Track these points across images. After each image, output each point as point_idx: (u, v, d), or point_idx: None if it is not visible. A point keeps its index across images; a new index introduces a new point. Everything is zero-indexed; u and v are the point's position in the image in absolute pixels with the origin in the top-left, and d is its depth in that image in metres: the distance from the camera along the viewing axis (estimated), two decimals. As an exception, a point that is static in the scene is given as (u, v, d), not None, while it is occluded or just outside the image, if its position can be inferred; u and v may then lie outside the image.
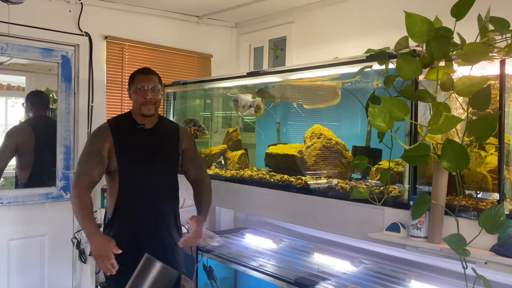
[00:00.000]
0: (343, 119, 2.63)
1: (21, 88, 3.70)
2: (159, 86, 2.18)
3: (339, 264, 2.51)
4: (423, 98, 1.65)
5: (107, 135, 2.11)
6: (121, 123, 2.20)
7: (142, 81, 2.12)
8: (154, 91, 2.13)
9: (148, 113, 2.12)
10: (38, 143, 3.23)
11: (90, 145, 2.14)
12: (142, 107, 2.11)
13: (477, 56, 1.48)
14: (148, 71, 2.19)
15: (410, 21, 1.60)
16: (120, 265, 1.93)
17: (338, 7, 3.21)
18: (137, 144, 2.15)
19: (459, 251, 1.40)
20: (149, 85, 2.11)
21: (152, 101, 2.11)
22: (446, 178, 1.61)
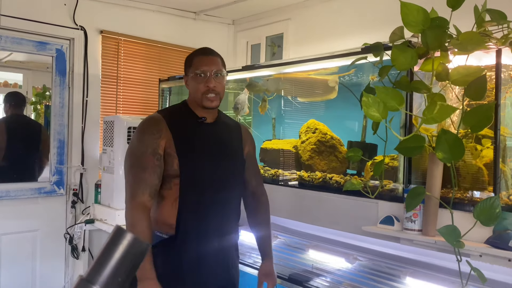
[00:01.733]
0: (339, 114, 2.60)
1: (18, 85, 3.67)
2: (224, 70, 1.71)
3: (334, 260, 2.48)
4: (418, 89, 1.63)
5: (163, 129, 1.62)
6: (177, 114, 1.72)
7: (204, 64, 1.65)
8: (218, 76, 1.67)
9: (211, 105, 1.66)
10: (10, 139, 3.26)
11: (141, 142, 1.61)
12: (204, 97, 1.65)
13: (472, 45, 1.45)
14: (211, 52, 1.72)
15: (406, 11, 1.58)
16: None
17: (335, 3, 3.19)
18: (200, 141, 1.68)
19: (453, 243, 1.38)
20: (212, 69, 1.65)
21: (216, 89, 1.66)
22: (441, 170, 1.58)
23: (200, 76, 1.65)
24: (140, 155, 1.59)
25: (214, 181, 1.66)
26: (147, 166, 1.57)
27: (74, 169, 3.17)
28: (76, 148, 3.18)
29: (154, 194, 1.59)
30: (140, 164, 1.58)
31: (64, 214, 3.16)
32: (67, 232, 3.09)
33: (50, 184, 3.11)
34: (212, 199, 1.65)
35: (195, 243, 1.62)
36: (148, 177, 1.57)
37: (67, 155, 3.16)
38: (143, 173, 1.57)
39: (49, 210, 3.12)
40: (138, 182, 1.57)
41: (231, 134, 1.79)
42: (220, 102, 1.71)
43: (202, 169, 1.64)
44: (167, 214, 1.62)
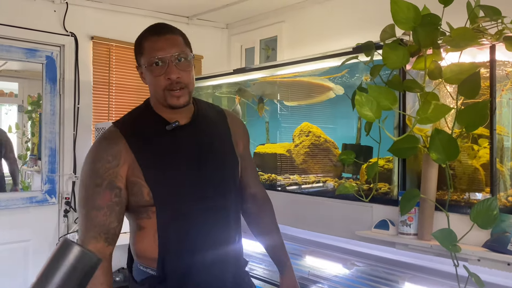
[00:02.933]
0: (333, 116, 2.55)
1: (13, 94, 3.66)
2: (189, 52, 1.29)
3: (331, 266, 2.42)
4: (411, 88, 1.57)
5: (122, 150, 1.26)
6: (140, 124, 1.33)
7: (157, 49, 1.24)
8: (181, 62, 1.25)
9: (178, 104, 1.26)
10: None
11: (94, 174, 1.25)
12: (168, 94, 1.26)
13: (465, 41, 1.40)
14: (166, 29, 1.29)
15: (396, 8, 1.53)
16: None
17: (329, 5, 3.15)
18: (176, 154, 1.30)
19: (449, 247, 1.32)
20: (171, 52, 1.24)
21: (181, 81, 1.25)
22: (435, 172, 1.53)
23: (157, 65, 1.24)
24: (93, 190, 1.23)
25: (200, 203, 1.29)
26: (101, 205, 1.23)
27: (66, 177, 3.12)
28: (68, 156, 3.13)
29: (112, 239, 1.25)
30: (93, 203, 1.23)
31: (56, 223, 3.11)
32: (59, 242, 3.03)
33: (42, 193, 3.06)
34: (201, 225, 1.29)
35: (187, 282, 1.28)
36: (103, 219, 1.22)
37: (58, 163, 3.11)
38: (97, 214, 1.22)
39: (41, 220, 3.06)
40: (91, 226, 1.22)
41: (214, 131, 1.39)
42: (190, 96, 1.29)
43: (181, 191, 1.28)
44: (148, 245, 1.29)
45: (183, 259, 1.28)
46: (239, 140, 1.45)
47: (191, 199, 1.28)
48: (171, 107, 1.28)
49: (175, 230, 1.27)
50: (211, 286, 1.31)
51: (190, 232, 1.28)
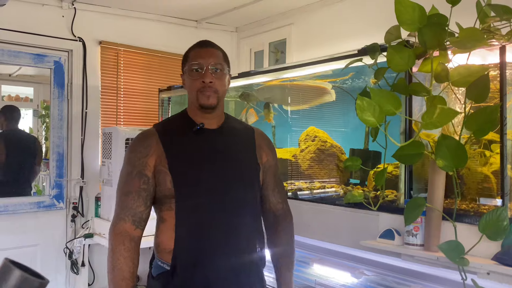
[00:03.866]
0: (340, 120, 2.49)
1: (29, 99, 3.69)
2: (226, 66, 1.47)
3: (339, 275, 2.35)
4: (417, 92, 1.51)
5: (153, 144, 1.42)
6: (173, 125, 1.51)
7: (198, 57, 1.43)
8: (217, 72, 1.43)
9: (206, 103, 1.41)
10: (8, 154, 3.24)
11: (128, 163, 1.43)
12: (200, 94, 1.41)
13: (472, 42, 1.33)
14: (209, 44, 1.50)
15: (400, 8, 1.47)
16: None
17: (337, 7, 3.09)
18: (200, 153, 1.43)
19: (456, 260, 1.24)
20: (209, 63, 1.42)
21: (213, 85, 1.41)
22: (443, 179, 1.45)
23: (196, 71, 1.42)
24: (125, 177, 1.42)
25: (215, 199, 1.39)
26: (131, 190, 1.39)
27: (73, 182, 3.12)
28: (75, 161, 3.13)
29: (139, 222, 1.39)
30: (125, 188, 1.41)
31: (64, 228, 3.11)
32: (67, 247, 3.03)
33: (50, 197, 3.06)
34: (216, 220, 1.38)
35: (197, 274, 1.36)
36: (131, 202, 1.38)
37: (66, 168, 3.11)
38: (125, 198, 1.39)
39: (49, 225, 3.07)
40: (121, 208, 1.39)
41: (239, 141, 1.51)
42: (219, 101, 1.44)
43: (201, 185, 1.38)
44: (167, 238, 1.39)
45: (194, 252, 1.36)
46: (262, 153, 1.54)
47: (207, 195, 1.39)
48: (201, 107, 1.43)
49: (191, 223, 1.38)
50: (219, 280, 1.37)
51: (203, 226, 1.38)
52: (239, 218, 1.41)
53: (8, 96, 3.54)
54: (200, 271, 1.36)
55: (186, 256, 1.36)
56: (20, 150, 3.32)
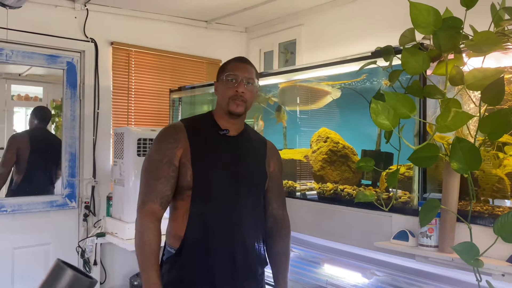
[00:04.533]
0: (352, 121, 2.50)
1: (38, 98, 3.72)
2: (257, 81, 1.67)
3: (349, 276, 2.36)
4: (431, 94, 1.52)
5: (181, 137, 1.58)
6: (199, 124, 1.66)
7: (236, 69, 1.61)
8: (249, 85, 1.61)
9: (236, 110, 1.59)
10: (32, 151, 3.26)
11: (158, 151, 1.58)
12: (231, 102, 1.58)
13: (488, 45, 1.34)
14: (246, 61, 1.68)
15: (415, 11, 1.48)
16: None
17: (348, 8, 3.10)
18: (219, 153, 1.60)
19: (471, 262, 1.26)
20: (244, 76, 1.60)
21: (244, 95, 1.59)
22: (457, 181, 1.46)
23: (231, 81, 1.60)
24: (155, 163, 1.57)
25: (226, 196, 1.57)
26: (160, 176, 1.55)
27: (86, 182, 3.15)
28: (87, 161, 3.16)
29: (165, 205, 1.56)
30: (154, 173, 1.56)
31: (76, 227, 3.14)
32: (79, 246, 3.06)
33: (62, 197, 3.10)
34: (223, 214, 1.56)
35: (201, 259, 1.54)
36: (160, 186, 1.54)
37: (78, 167, 3.14)
38: (156, 182, 1.54)
39: (61, 223, 3.10)
40: (150, 191, 1.55)
41: (254, 150, 1.70)
42: (246, 111, 1.63)
43: (215, 182, 1.56)
44: (177, 225, 1.57)
45: (202, 240, 1.54)
46: (271, 163, 1.74)
47: (220, 191, 1.57)
48: (230, 113, 1.61)
49: (202, 214, 1.55)
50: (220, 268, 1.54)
51: (214, 219, 1.55)
52: (244, 217, 1.60)
53: (18, 95, 3.57)
54: (204, 257, 1.53)
55: (193, 243, 1.54)
56: (44, 150, 3.34)
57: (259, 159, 1.70)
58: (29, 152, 3.24)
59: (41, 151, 3.34)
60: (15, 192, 3.13)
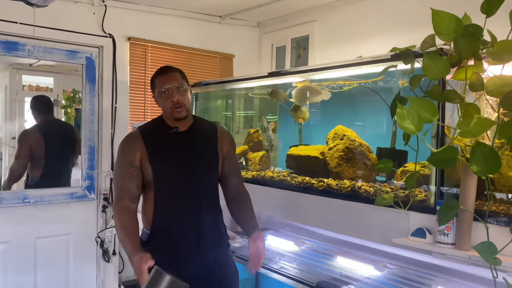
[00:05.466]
0: (367, 119, 2.57)
1: (49, 89, 3.76)
2: (185, 83, 1.90)
3: (362, 268, 2.45)
4: (450, 99, 1.58)
5: (138, 142, 1.88)
6: (152, 128, 1.96)
7: (163, 83, 1.86)
8: (180, 90, 1.85)
9: (180, 116, 1.86)
10: (48, 145, 3.30)
11: (121, 156, 1.90)
12: (173, 111, 1.86)
13: (509, 54, 1.40)
14: (168, 70, 1.91)
15: (437, 19, 1.54)
16: None
17: (361, 5, 3.14)
18: (171, 149, 1.89)
19: (490, 260, 1.34)
20: (173, 85, 1.84)
21: (180, 102, 1.84)
22: (475, 183, 1.54)
23: (164, 93, 1.86)
24: (120, 166, 1.89)
25: (184, 183, 1.87)
26: (125, 176, 1.85)
27: (104, 174, 3.24)
28: (106, 154, 3.24)
29: (134, 199, 1.86)
30: (121, 175, 1.87)
31: (95, 218, 3.24)
32: (98, 236, 3.16)
33: (82, 189, 3.19)
34: (184, 199, 1.87)
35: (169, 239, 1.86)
36: (126, 184, 1.85)
37: (97, 160, 3.23)
38: (122, 182, 1.86)
39: (81, 215, 3.20)
40: (119, 189, 1.87)
41: (204, 139, 1.97)
42: (188, 111, 1.90)
43: (172, 174, 1.87)
44: (148, 212, 1.89)
45: (166, 222, 1.86)
46: (223, 146, 2.00)
47: (177, 180, 1.87)
48: (176, 119, 1.89)
49: (164, 201, 1.87)
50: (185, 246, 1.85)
51: (173, 204, 1.87)
52: (201, 197, 1.89)
53: (29, 86, 3.62)
54: (170, 236, 1.85)
55: (160, 225, 1.86)
56: (59, 141, 3.37)
57: (210, 146, 1.97)
58: (45, 148, 3.27)
59: (57, 143, 3.36)
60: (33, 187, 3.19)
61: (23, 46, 2.93)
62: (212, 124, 2.07)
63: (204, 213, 1.90)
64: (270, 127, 2.82)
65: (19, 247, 2.97)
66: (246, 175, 2.77)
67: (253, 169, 2.88)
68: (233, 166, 2.03)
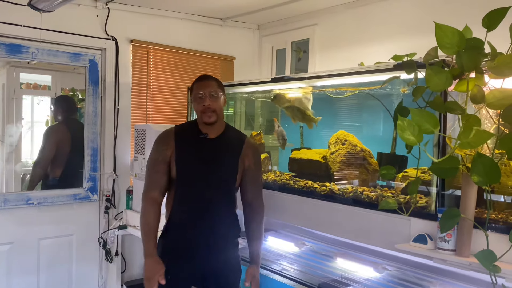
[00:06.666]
0: (368, 124, 2.62)
1: (47, 87, 3.77)
2: (219, 91, 2.04)
3: (362, 270, 2.50)
4: (452, 110, 1.63)
5: (171, 141, 2.05)
6: (186, 130, 2.11)
7: (199, 88, 2.02)
8: (213, 96, 2.01)
9: (208, 121, 2.01)
10: (73, 144, 3.32)
11: (155, 152, 2.07)
12: (203, 115, 2.01)
13: (510, 69, 1.45)
14: (206, 77, 2.08)
15: (440, 33, 1.59)
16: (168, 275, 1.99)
17: (362, 10, 3.19)
18: (196, 154, 2.04)
19: (489, 267, 1.40)
20: (207, 91, 2.00)
21: (210, 107, 1.99)
22: (475, 192, 1.59)
23: (199, 98, 2.01)
24: (154, 161, 2.06)
25: (202, 187, 2.02)
26: (158, 170, 2.04)
27: (106, 176, 3.27)
28: (108, 155, 3.27)
29: (163, 192, 2.05)
30: (154, 168, 2.05)
31: (97, 219, 3.27)
32: (101, 237, 3.20)
33: (85, 190, 3.22)
34: (199, 200, 2.02)
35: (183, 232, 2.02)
36: (158, 178, 2.03)
37: (100, 162, 3.26)
38: (155, 175, 2.04)
39: (84, 216, 3.23)
40: (151, 182, 2.05)
41: (228, 149, 2.09)
42: (218, 117, 2.04)
43: (193, 176, 2.02)
44: (167, 208, 2.07)
45: (181, 218, 2.03)
46: (245, 159, 2.11)
47: (196, 183, 2.02)
48: (205, 123, 2.04)
49: (182, 199, 2.03)
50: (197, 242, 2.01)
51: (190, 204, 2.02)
52: (215, 202, 2.03)
53: (27, 84, 3.62)
54: (183, 232, 2.02)
55: (176, 220, 2.03)
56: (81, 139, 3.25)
57: (232, 156, 2.08)
58: (70, 146, 3.28)
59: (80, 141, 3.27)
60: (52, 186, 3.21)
61: (27, 48, 2.95)
62: (241, 136, 2.18)
63: (216, 217, 2.03)
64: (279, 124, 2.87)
65: (23, 248, 3.01)
66: (248, 178, 2.81)
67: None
68: (252, 180, 2.13)
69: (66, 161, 3.31)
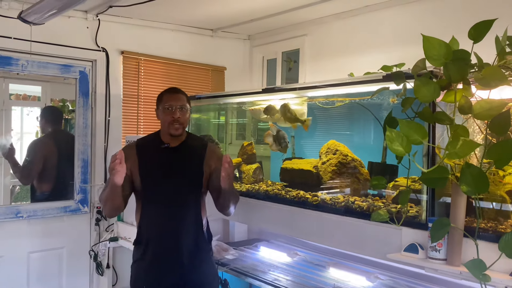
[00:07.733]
0: (358, 133, 2.64)
1: (36, 98, 3.74)
2: (188, 105, 2.14)
3: (355, 279, 2.51)
4: (441, 120, 1.66)
5: (132, 153, 2.10)
6: (148, 141, 2.20)
7: (170, 100, 2.09)
8: (182, 110, 2.09)
9: (175, 133, 2.09)
10: (60, 156, 3.29)
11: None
12: (170, 126, 2.08)
13: (496, 81, 1.48)
14: (176, 90, 2.16)
15: (428, 45, 1.61)
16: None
17: (351, 21, 3.23)
18: (159, 163, 2.11)
19: (479, 277, 1.41)
20: (177, 104, 2.08)
21: (180, 120, 2.07)
22: (464, 201, 1.61)
23: (168, 109, 2.07)
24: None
25: (166, 196, 2.07)
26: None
27: (97, 188, 3.25)
28: (99, 167, 3.26)
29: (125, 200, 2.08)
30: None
31: (88, 232, 3.25)
32: (92, 250, 3.17)
33: (75, 202, 3.19)
34: (166, 209, 2.07)
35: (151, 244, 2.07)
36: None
37: (90, 174, 3.24)
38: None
39: (74, 228, 3.20)
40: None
41: (192, 155, 2.15)
42: (184, 130, 2.13)
43: (157, 186, 2.08)
44: (137, 220, 2.14)
45: (149, 229, 2.09)
46: (211, 162, 2.16)
47: (160, 192, 2.08)
48: (171, 135, 2.11)
49: (148, 210, 2.10)
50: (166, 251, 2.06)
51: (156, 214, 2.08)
52: (181, 209, 2.08)
53: (16, 95, 3.59)
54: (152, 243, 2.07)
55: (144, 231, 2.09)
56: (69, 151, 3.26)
57: (196, 161, 2.14)
58: (57, 159, 3.25)
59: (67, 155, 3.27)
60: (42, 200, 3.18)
61: (16, 60, 2.94)
62: (203, 141, 2.27)
63: (182, 224, 2.09)
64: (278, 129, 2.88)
65: (12, 262, 2.97)
66: (241, 188, 2.82)
67: (247, 181, 2.93)
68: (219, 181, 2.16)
69: (54, 174, 3.28)
